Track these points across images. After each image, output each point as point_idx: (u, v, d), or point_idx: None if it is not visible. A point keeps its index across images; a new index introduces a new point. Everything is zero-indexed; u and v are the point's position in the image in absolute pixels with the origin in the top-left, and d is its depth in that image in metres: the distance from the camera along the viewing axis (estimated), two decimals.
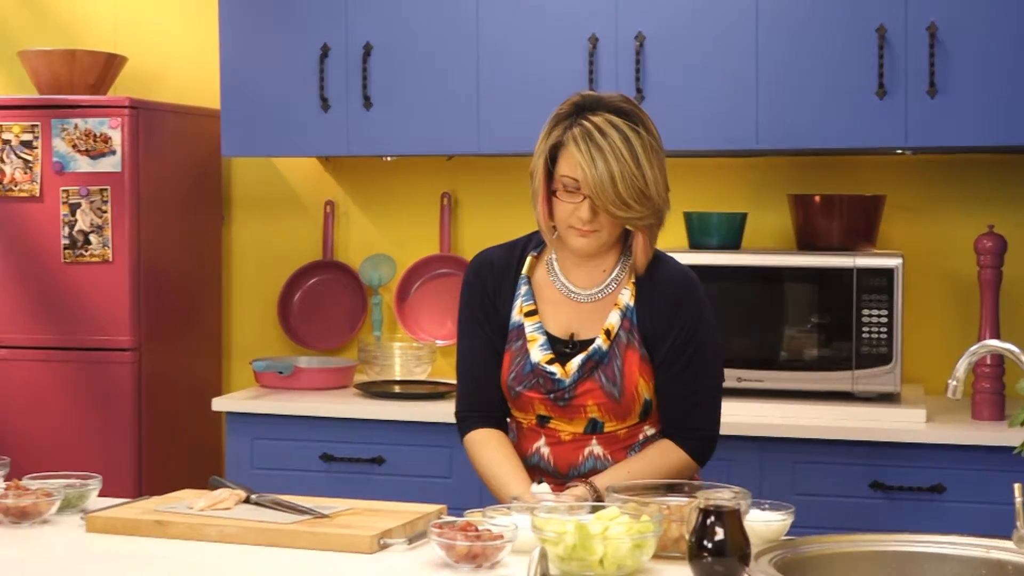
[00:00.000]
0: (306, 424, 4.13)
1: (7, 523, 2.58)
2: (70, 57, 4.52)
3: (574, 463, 2.81)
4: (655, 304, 2.77)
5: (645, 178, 2.66)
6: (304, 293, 4.80)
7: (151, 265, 4.45)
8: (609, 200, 2.64)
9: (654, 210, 2.70)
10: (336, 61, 4.30)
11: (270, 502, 2.61)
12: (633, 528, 2.23)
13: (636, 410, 2.78)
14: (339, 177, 4.80)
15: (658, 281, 2.79)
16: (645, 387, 2.77)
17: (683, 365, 2.77)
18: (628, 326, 2.77)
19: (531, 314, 2.83)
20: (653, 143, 2.70)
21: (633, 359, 2.76)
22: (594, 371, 2.76)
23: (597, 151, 2.65)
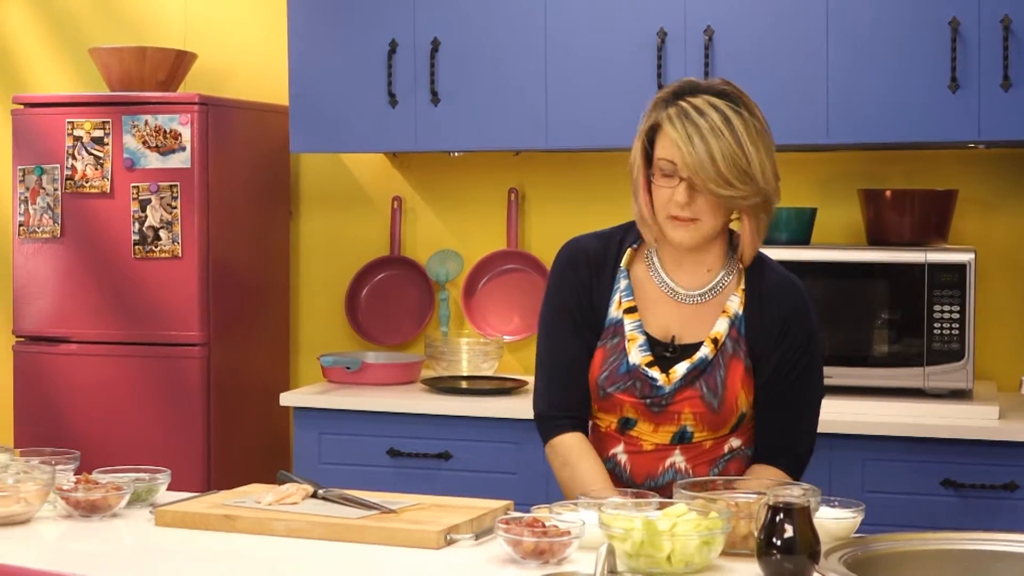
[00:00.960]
0: (373, 419, 4.13)
1: (77, 516, 2.60)
2: (140, 54, 4.54)
3: (652, 474, 2.68)
4: (766, 315, 2.63)
5: (748, 157, 2.50)
6: (371, 288, 4.80)
7: (220, 261, 4.47)
8: (709, 178, 2.49)
9: (758, 191, 2.53)
10: (404, 57, 4.30)
11: (337, 497, 2.61)
12: (701, 525, 2.21)
13: (732, 422, 2.65)
14: (406, 173, 4.80)
15: (768, 289, 2.65)
16: (745, 400, 2.64)
17: (791, 381, 2.65)
18: (735, 335, 2.63)
19: (631, 311, 2.67)
20: (758, 126, 2.55)
21: (737, 370, 2.62)
22: (696, 380, 2.63)
23: (694, 129, 2.51)
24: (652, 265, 2.70)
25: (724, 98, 2.56)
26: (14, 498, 2.54)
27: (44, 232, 4.52)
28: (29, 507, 2.56)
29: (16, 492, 2.55)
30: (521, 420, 3.95)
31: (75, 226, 4.49)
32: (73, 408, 4.50)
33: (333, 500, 2.60)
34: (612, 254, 2.72)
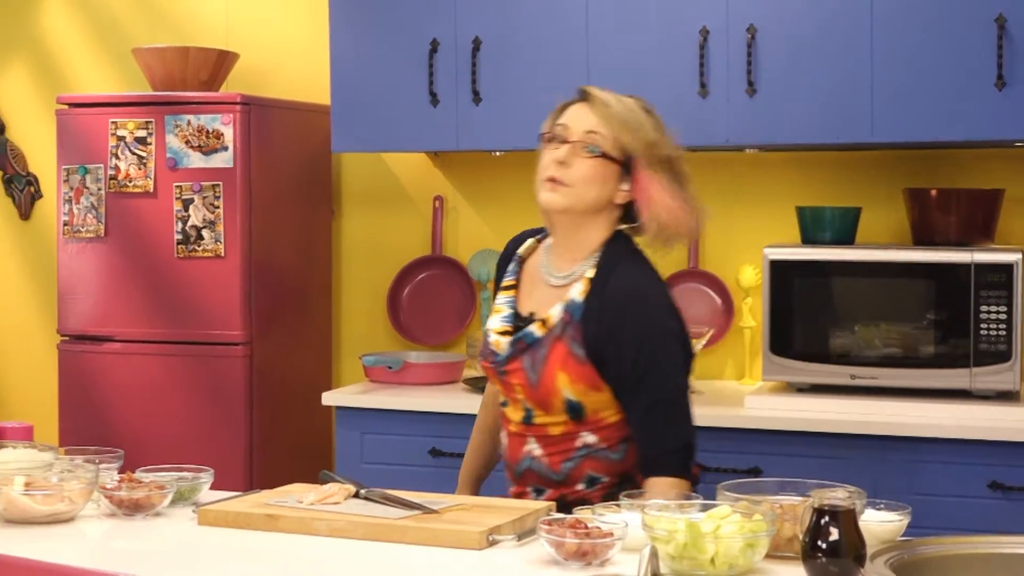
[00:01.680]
0: (415, 419, 4.13)
1: (120, 515, 2.60)
2: (183, 54, 4.56)
3: (516, 459, 2.83)
4: (603, 309, 2.71)
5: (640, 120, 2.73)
6: (413, 288, 4.80)
7: (262, 260, 4.48)
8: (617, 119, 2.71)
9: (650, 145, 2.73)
10: (445, 56, 4.30)
11: (379, 497, 2.60)
12: (745, 527, 2.19)
13: (557, 405, 2.73)
14: (448, 172, 4.80)
15: (612, 284, 2.72)
16: (568, 384, 2.71)
17: (640, 379, 2.69)
18: (568, 320, 2.73)
19: (508, 288, 2.88)
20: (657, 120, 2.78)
21: (559, 352, 2.72)
22: (523, 353, 2.76)
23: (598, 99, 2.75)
24: (544, 251, 2.87)
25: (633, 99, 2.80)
26: (58, 497, 2.55)
27: (88, 231, 4.54)
28: (73, 506, 2.57)
29: (60, 491, 2.56)
30: None
31: (119, 225, 4.50)
32: (117, 407, 4.51)
33: (375, 500, 2.59)
34: (516, 246, 2.95)
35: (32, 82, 5.32)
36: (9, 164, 5.36)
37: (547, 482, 2.79)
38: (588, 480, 2.77)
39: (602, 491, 2.75)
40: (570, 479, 2.77)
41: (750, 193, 4.45)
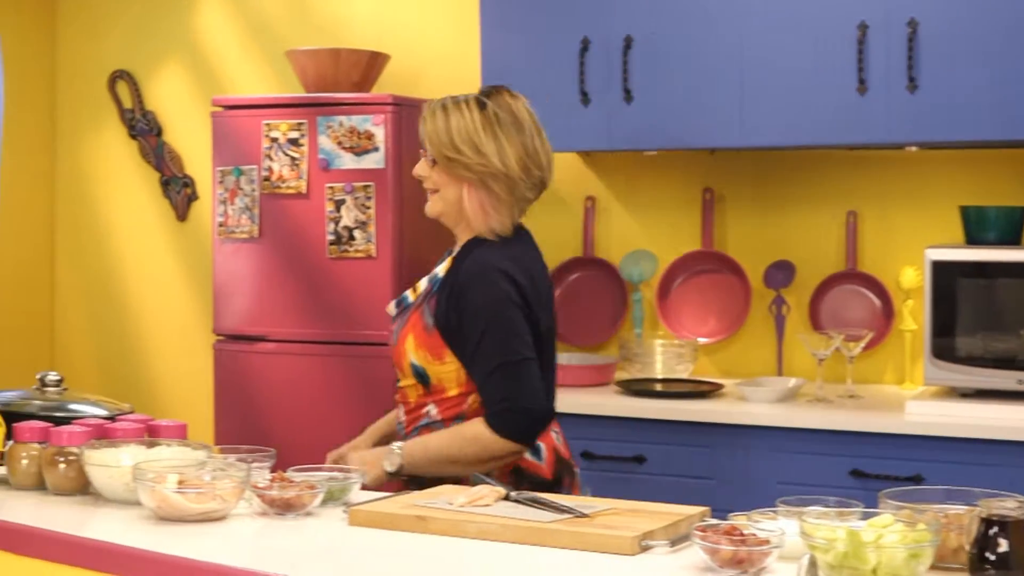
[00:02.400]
0: (567, 422, 4.01)
1: (272, 514, 2.61)
2: (335, 56, 4.59)
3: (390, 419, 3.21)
4: (451, 293, 2.97)
5: (485, 138, 2.95)
6: (564, 289, 4.77)
7: (413, 260, 4.49)
8: (440, 143, 2.98)
9: (488, 164, 2.95)
10: (596, 55, 4.26)
11: (529, 500, 2.57)
12: (908, 537, 2.11)
13: (406, 367, 3.01)
14: (599, 172, 4.76)
15: (463, 267, 2.98)
16: (414, 350, 2.98)
17: (475, 346, 2.92)
18: (428, 291, 3.02)
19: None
20: (503, 121, 2.99)
21: (415, 318, 3.01)
22: (398, 317, 3.07)
23: (442, 110, 3.00)
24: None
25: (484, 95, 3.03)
26: (210, 495, 2.56)
27: (242, 232, 4.59)
28: (225, 504, 2.58)
29: (212, 489, 2.57)
30: (718, 424, 3.88)
31: (272, 226, 4.55)
32: (270, 406, 4.56)
33: (525, 503, 2.57)
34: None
35: (188, 85, 5.40)
36: (166, 166, 5.45)
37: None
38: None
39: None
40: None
41: (911, 192, 4.34)
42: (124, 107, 5.54)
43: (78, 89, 5.68)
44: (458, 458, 2.93)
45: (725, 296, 4.54)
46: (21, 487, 2.82)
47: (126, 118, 5.53)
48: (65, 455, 2.77)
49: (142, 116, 5.49)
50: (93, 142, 5.65)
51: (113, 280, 5.62)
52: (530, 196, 3.08)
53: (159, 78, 5.50)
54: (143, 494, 2.56)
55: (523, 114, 3.05)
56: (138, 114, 5.50)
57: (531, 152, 3.03)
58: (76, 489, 2.77)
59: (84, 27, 5.65)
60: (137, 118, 5.50)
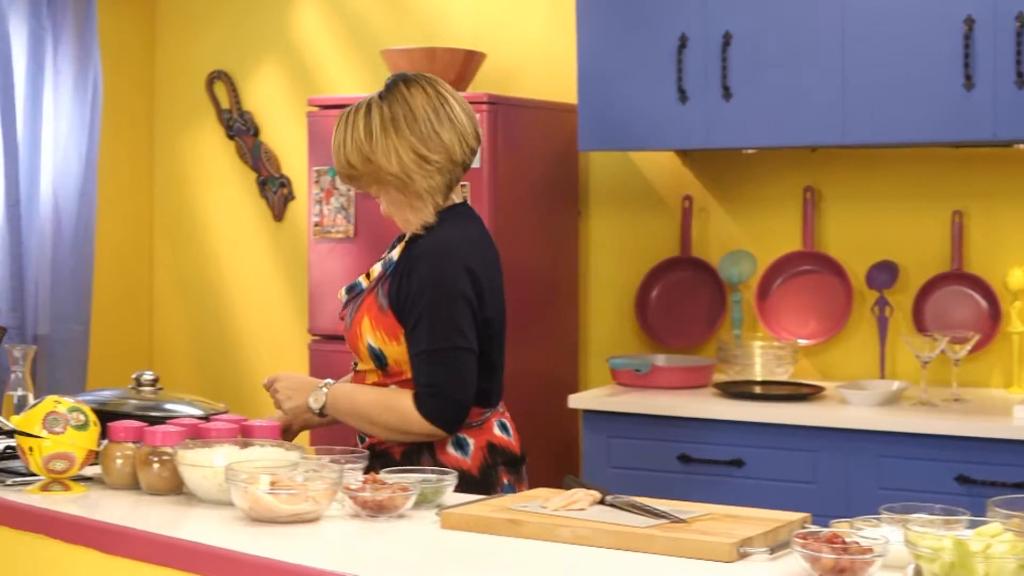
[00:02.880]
0: (663, 424, 4.06)
1: (364, 516, 2.59)
2: (430, 55, 4.58)
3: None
4: (403, 271, 3.00)
5: (372, 145, 2.95)
6: (662, 289, 4.73)
7: (508, 260, 4.42)
8: (339, 163, 3.01)
9: (382, 172, 2.97)
10: (694, 51, 4.20)
11: (625, 504, 2.53)
12: (1018, 547, 2.04)
13: (363, 351, 3.03)
14: (697, 171, 4.70)
15: (411, 250, 3.03)
16: (370, 331, 3.01)
17: (412, 327, 2.96)
18: (382, 274, 3.06)
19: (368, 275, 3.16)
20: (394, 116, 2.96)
21: (369, 301, 3.04)
22: (351, 303, 3.11)
23: (340, 126, 3.01)
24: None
25: (381, 93, 3.03)
26: (302, 496, 2.55)
27: (338, 232, 4.59)
28: (317, 506, 2.56)
29: (305, 491, 2.55)
30: (819, 428, 3.81)
31: (367, 226, 4.54)
32: None
33: (621, 507, 2.53)
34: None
35: (284, 85, 5.43)
36: (263, 166, 5.47)
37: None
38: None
39: (402, 446, 3.02)
40: None
41: (1019, 190, 4.24)
42: (221, 107, 5.57)
43: (176, 90, 5.72)
44: (376, 421, 3.00)
45: (826, 297, 4.47)
46: (115, 487, 2.83)
47: (223, 118, 5.56)
48: (159, 455, 2.77)
49: (239, 116, 5.52)
50: (191, 143, 5.69)
51: (210, 280, 5.66)
52: (449, 177, 3.04)
53: (256, 78, 5.53)
54: (235, 495, 2.55)
55: (417, 101, 3.00)
56: (235, 114, 5.53)
57: (427, 139, 2.98)
58: (170, 489, 2.77)
59: (182, 28, 5.70)
60: (234, 118, 5.53)
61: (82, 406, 2.84)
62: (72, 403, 2.83)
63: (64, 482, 2.82)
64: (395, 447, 3.03)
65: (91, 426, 2.82)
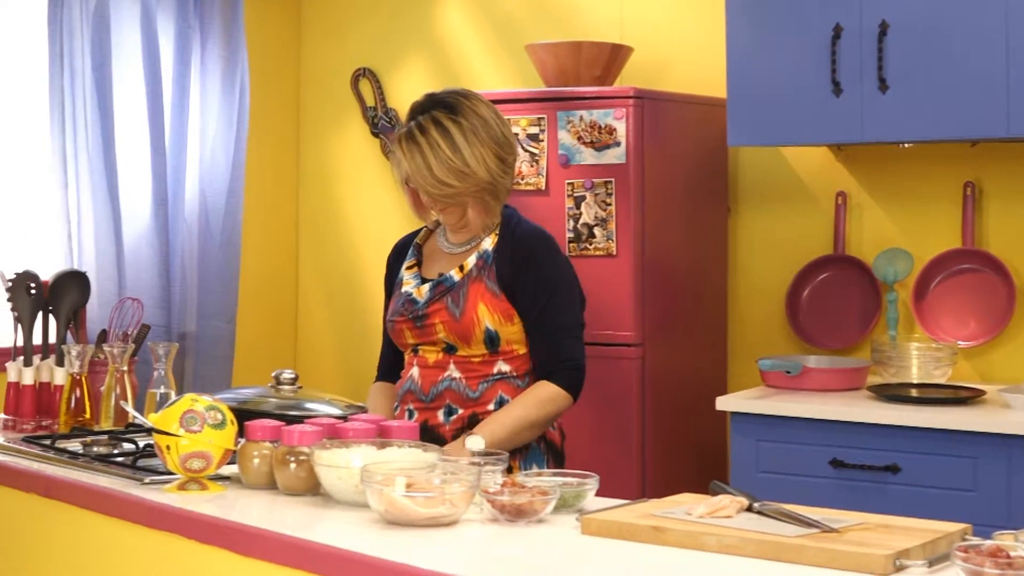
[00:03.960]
0: (815, 427, 3.94)
1: (502, 520, 2.53)
2: (576, 49, 4.52)
3: (434, 381, 3.24)
4: (514, 252, 3.22)
5: (463, 158, 3.13)
6: (813, 289, 4.62)
7: (655, 259, 4.39)
8: (429, 184, 3.15)
9: (477, 182, 3.16)
10: (849, 42, 4.08)
11: (774, 511, 2.44)
12: None
13: (477, 335, 3.19)
14: (851, 166, 4.58)
15: (516, 237, 3.24)
16: (488, 315, 3.18)
17: (542, 308, 3.19)
18: (482, 264, 3.23)
19: (411, 267, 3.37)
20: (474, 126, 3.16)
21: (479, 288, 3.20)
22: (444, 296, 3.23)
23: (415, 146, 3.16)
24: (440, 234, 3.39)
25: (447, 109, 3.18)
26: (439, 500, 2.49)
27: None
28: (454, 509, 2.51)
29: (442, 493, 2.50)
30: (979, 433, 3.66)
31: None
32: None
33: (769, 515, 2.44)
34: (408, 241, 3.45)
35: (429, 81, 5.42)
36: None
37: (462, 400, 3.22)
38: (499, 401, 3.21)
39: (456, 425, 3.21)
40: (483, 398, 3.21)
41: None
42: (367, 105, 5.57)
43: (322, 87, 5.75)
44: (535, 421, 3.17)
45: (987, 296, 4.32)
46: (252, 486, 2.81)
47: (368, 116, 5.57)
48: (296, 455, 2.74)
49: (384, 113, 5.52)
50: (336, 140, 5.71)
51: (354, 277, 5.67)
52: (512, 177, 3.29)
53: (401, 75, 5.53)
54: (371, 497, 2.51)
55: (483, 109, 3.22)
56: (380, 111, 5.53)
57: (501, 141, 3.22)
58: (306, 489, 2.74)
59: (328, 26, 5.72)
60: (379, 115, 5.53)
61: (219, 404, 2.82)
62: (209, 401, 2.81)
63: (201, 481, 2.81)
64: (446, 426, 3.23)
65: (228, 425, 2.80)
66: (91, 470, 2.99)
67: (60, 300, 3.70)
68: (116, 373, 3.41)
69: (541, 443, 3.26)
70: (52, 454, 3.15)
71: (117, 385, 3.41)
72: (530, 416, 3.15)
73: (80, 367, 3.45)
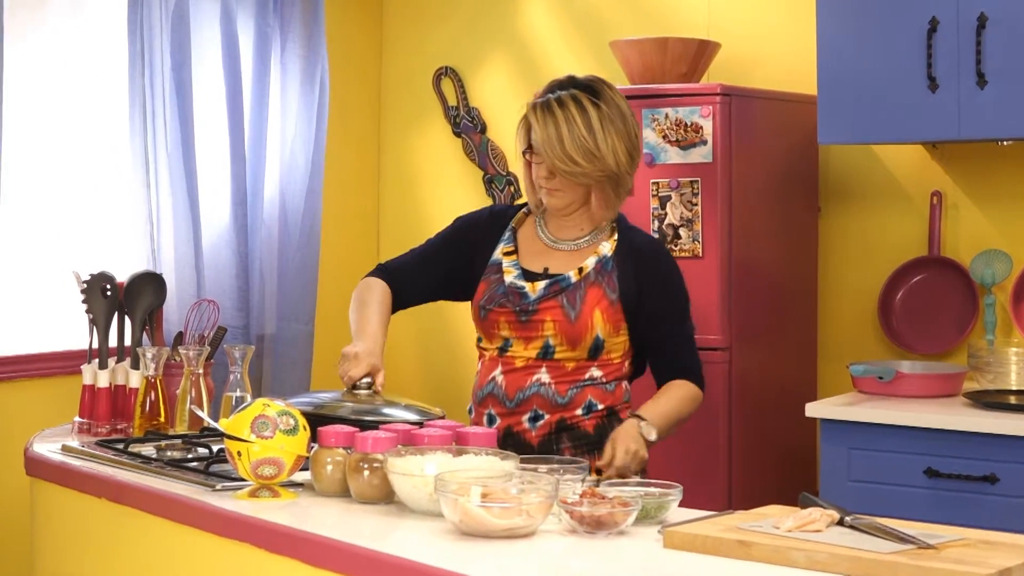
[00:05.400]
0: (908, 435, 3.82)
1: (581, 532, 2.44)
2: (661, 45, 4.43)
3: (521, 387, 3.18)
4: (636, 265, 3.20)
5: (595, 140, 3.09)
6: (907, 292, 4.50)
7: (742, 260, 4.29)
8: (557, 156, 3.10)
9: (603, 168, 3.12)
10: (946, 36, 3.95)
11: (866, 526, 2.34)
12: None
13: (587, 341, 3.15)
14: (947, 164, 4.45)
15: (636, 245, 3.23)
16: (601, 322, 3.14)
17: (679, 316, 3.26)
18: (600, 268, 3.19)
19: (509, 254, 3.29)
20: (612, 115, 3.13)
21: (596, 294, 3.16)
22: (558, 295, 3.17)
23: (551, 116, 3.11)
24: (538, 224, 3.32)
25: (588, 92, 3.15)
26: (516, 510, 2.41)
27: None
28: (532, 520, 2.43)
29: (519, 504, 2.42)
30: None
31: None
32: None
33: (862, 529, 2.34)
34: (504, 218, 3.37)
35: (511, 80, 5.37)
36: (490, 164, 5.40)
37: (550, 406, 3.16)
38: (587, 406, 3.17)
39: (595, 419, 3.18)
40: (572, 403, 3.17)
41: None
42: (448, 104, 5.51)
43: (403, 87, 5.70)
44: (684, 418, 3.23)
45: None
46: (325, 493, 2.75)
47: (450, 115, 5.51)
48: (369, 462, 2.67)
49: (466, 113, 5.46)
50: (417, 140, 5.66)
51: None
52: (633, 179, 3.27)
53: (483, 74, 5.46)
54: (445, 507, 2.43)
55: (621, 102, 3.18)
56: (462, 111, 5.47)
57: (633, 138, 3.18)
58: (380, 497, 2.67)
59: (410, 24, 5.67)
60: (461, 115, 5.47)
61: (292, 409, 2.75)
62: (282, 406, 2.74)
63: (273, 488, 2.74)
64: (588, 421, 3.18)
65: (301, 430, 2.73)
66: (163, 475, 2.94)
67: (135, 302, 3.66)
68: (191, 376, 3.37)
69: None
70: (124, 458, 3.11)
71: (192, 388, 3.37)
72: (683, 412, 3.23)
73: (155, 370, 3.41)
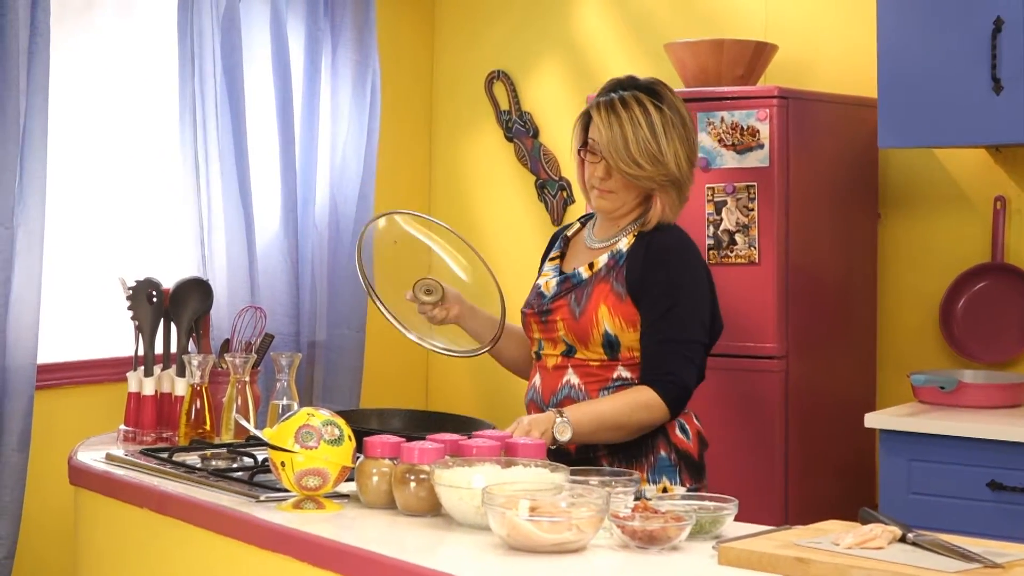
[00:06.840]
0: (971, 447, 3.75)
1: (633, 547, 2.38)
2: (717, 48, 4.37)
3: (554, 390, 3.16)
4: (646, 255, 3.11)
5: (659, 144, 3.07)
6: (969, 299, 4.40)
7: (800, 267, 4.21)
8: (621, 159, 3.07)
9: (666, 173, 3.09)
10: (1012, 36, 3.87)
11: (929, 543, 2.26)
12: None
13: (596, 337, 3.10)
14: (1011, 169, 4.36)
15: (653, 240, 3.14)
16: (608, 319, 3.09)
17: (660, 315, 3.07)
18: (612, 264, 3.15)
19: (553, 259, 3.33)
20: (675, 120, 3.10)
21: (603, 290, 3.12)
22: (569, 293, 3.17)
23: (615, 117, 3.08)
24: (588, 228, 3.32)
25: (650, 94, 3.12)
26: (566, 525, 2.35)
27: None
28: (582, 535, 2.36)
29: (568, 518, 2.35)
30: None
31: None
32: None
33: (925, 547, 2.26)
34: (561, 232, 3.41)
35: (564, 84, 5.31)
36: (542, 169, 5.35)
37: None
38: None
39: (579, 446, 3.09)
40: None
41: None
42: (500, 108, 5.46)
43: (455, 91, 5.65)
44: (626, 425, 3.04)
45: None
46: (371, 505, 2.69)
47: (502, 120, 5.45)
48: (416, 473, 2.61)
49: (518, 117, 5.40)
50: (469, 145, 5.61)
51: None
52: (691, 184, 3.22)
53: (535, 78, 5.41)
54: (492, 520, 2.37)
55: (682, 107, 3.15)
56: (515, 115, 5.41)
57: (693, 144, 3.16)
58: (427, 510, 2.61)
59: (462, 28, 5.63)
60: (513, 119, 5.41)
61: (337, 419, 2.69)
62: (327, 416, 2.69)
63: (317, 499, 2.69)
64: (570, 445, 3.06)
65: (346, 441, 2.67)
66: (206, 485, 2.90)
67: (181, 309, 3.61)
68: (237, 384, 3.33)
69: (672, 453, 3.12)
70: (169, 468, 3.06)
71: (238, 396, 3.33)
72: (622, 417, 3.04)
73: (201, 377, 3.37)
